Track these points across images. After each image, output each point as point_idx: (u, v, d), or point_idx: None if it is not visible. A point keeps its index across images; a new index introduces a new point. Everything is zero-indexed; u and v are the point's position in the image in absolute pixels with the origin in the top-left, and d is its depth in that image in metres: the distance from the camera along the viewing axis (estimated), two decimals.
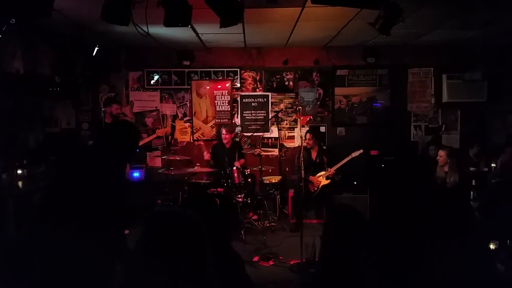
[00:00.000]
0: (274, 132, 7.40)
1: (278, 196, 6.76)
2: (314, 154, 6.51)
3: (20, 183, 5.04)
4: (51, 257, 2.15)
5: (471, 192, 5.01)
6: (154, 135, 6.53)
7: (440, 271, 1.98)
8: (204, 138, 7.46)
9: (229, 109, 7.43)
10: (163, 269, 1.27)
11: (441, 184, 5.48)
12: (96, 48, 6.06)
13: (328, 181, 6.23)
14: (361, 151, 6.17)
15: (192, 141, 7.48)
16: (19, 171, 5.13)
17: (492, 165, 5.86)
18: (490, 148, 6.66)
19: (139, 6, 3.68)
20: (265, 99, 7.46)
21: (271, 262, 4.95)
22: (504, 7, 4.76)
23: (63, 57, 6.29)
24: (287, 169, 7.26)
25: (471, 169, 6.09)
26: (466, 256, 2.00)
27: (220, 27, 3.86)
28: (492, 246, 3.26)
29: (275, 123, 7.21)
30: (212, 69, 7.39)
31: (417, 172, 6.22)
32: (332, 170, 6.19)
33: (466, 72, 7.04)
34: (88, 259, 2.12)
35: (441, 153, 5.55)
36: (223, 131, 6.72)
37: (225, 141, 6.69)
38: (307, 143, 6.37)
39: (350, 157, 6.16)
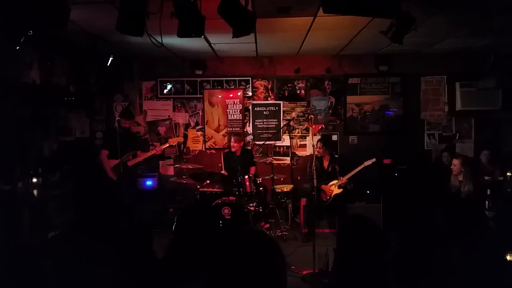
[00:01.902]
0: (286, 141, 7.40)
1: (290, 205, 6.71)
2: (326, 163, 6.47)
3: (35, 192, 5.11)
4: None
5: (486, 202, 4.93)
6: (166, 144, 6.54)
7: (455, 282, 1.95)
8: (216, 147, 7.49)
9: (241, 117, 7.46)
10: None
11: (456, 193, 5.40)
12: (111, 58, 6.15)
13: (341, 190, 6.18)
14: (374, 159, 6.10)
15: (204, 149, 7.52)
16: (34, 180, 5.21)
17: (508, 174, 5.76)
18: (506, 156, 6.56)
19: (153, 17, 3.73)
20: (276, 108, 7.48)
21: None
22: None
23: (78, 67, 6.39)
24: (299, 177, 7.23)
25: (486, 178, 6.01)
26: (482, 267, 1.97)
27: (233, 37, 3.88)
28: (508, 258, 3.19)
29: (286, 132, 7.22)
30: (224, 78, 7.44)
31: (431, 181, 6.15)
32: (344, 179, 6.14)
33: (480, 80, 6.96)
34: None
35: (455, 162, 5.47)
36: (232, 139, 6.72)
37: (233, 149, 6.68)
38: (317, 152, 6.34)
39: (362, 166, 6.09)
